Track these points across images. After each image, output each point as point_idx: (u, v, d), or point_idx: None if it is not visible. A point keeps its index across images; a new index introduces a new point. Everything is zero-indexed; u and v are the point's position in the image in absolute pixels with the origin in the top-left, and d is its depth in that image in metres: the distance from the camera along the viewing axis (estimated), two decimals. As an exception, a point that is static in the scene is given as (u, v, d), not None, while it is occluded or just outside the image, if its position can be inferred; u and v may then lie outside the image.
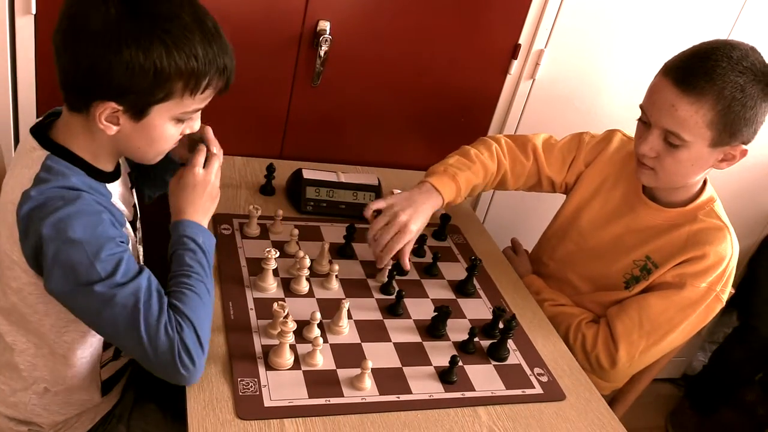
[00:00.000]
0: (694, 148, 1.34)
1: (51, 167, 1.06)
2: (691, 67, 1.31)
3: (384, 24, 1.76)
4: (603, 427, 1.26)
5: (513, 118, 2.01)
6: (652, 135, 1.37)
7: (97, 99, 1.02)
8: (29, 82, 1.59)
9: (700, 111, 1.29)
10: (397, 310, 1.40)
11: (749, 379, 2.64)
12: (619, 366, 1.48)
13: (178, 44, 1.00)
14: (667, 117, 1.33)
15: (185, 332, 1.04)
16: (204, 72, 1.04)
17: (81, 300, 1.05)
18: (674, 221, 1.49)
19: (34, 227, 1.02)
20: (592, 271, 1.62)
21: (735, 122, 1.30)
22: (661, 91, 1.34)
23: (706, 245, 1.43)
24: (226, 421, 1.09)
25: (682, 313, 1.45)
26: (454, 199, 1.58)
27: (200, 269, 1.12)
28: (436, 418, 1.19)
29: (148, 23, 0.99)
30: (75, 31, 1.00)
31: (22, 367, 1.19)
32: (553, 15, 1.85)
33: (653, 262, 1.49)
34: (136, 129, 1.07)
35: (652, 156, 1.39)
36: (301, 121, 1.86)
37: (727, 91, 1.28)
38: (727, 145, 1.35)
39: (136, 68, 0.98)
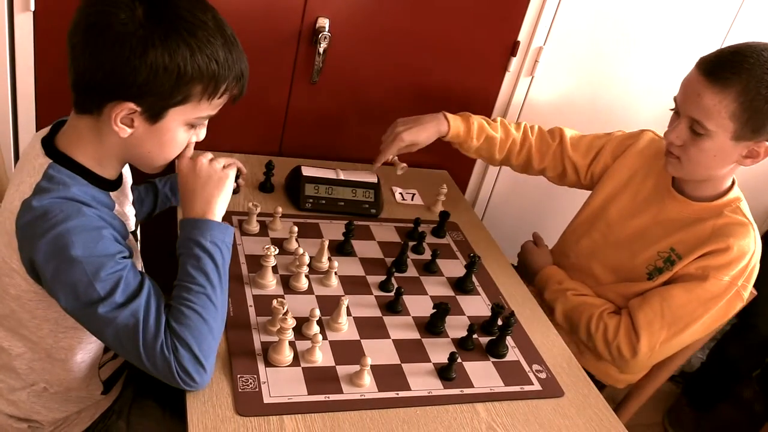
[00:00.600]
0: (717, 139, 1.37)
1: (53, 176, 1.05)
2: (721, 60, 1.37)
3: (383, 21, 1.76)
4: (601, 424, 1.27)
5: (512, 116, 2.01)
6: (680, 124, 1.42)
7: (115, 99, 1.02)
8: (28, 79, 1.59)
9: (723, 101, 1.34)
10: (396, 307, 1.40)
11: (747, 376, 2.65)
12: (640, 356, 1.48)
13: (201, 48, 1.01)
14: (693, 105, 1.38)
15: (181, 355, 1.04)
16: (224, 77, 1.05)
17: (84, 318, 1.06)
18: (700, 215, 1.51)
19: (34, 240, 1.02)
20: (615, 261, 1.63)
21: (758, 117, 1.34)
22: (691, 82, 1.40)
23: (730, 238, 1.44)
24: (226, 418, 1.09)
25: (704, 306, 1.46)
26: (462, 136, 1.68)
27: (204, 279, 1.10)
28: (435, 415, 1.19)
29: (174, 26, 1.00)
30: (98, 32, 0.99)
31: (20, 370, 1.19)
32: (552, 12, 1.86)
33: (677, 254, 1.51)
34: (149, 132, 1.07)
35: (678, 144, 1.43)
36: (300, 119, 1.86)
37: (752, 84, 1.32)
38: (751, 140, 1.38)
39: (160, 70, 0.99)
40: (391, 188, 1.86)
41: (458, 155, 2.06)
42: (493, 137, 1.69)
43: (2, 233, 1.08)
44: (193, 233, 1.12)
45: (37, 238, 1.01)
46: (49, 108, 1.64)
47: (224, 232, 1.15)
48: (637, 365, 1.51)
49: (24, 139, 1.66)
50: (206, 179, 1.16)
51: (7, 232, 1.06)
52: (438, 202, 1.80)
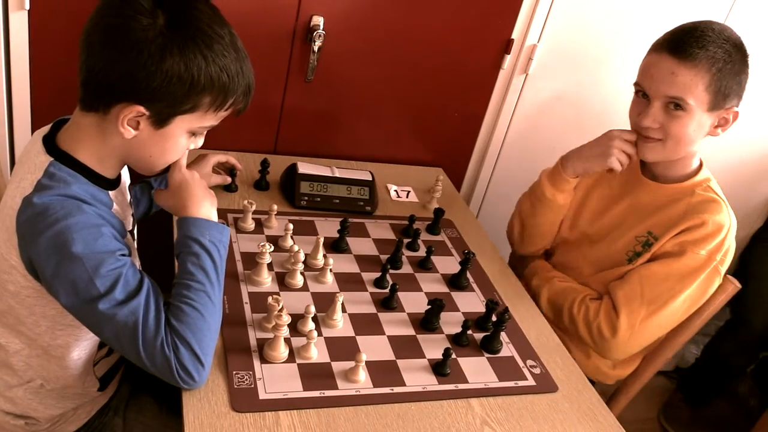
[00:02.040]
0: (695, 114, 1.42)
1: (54, 174, 1.06)
2: (683, 38, 1.42)
3: (377, 19, 1.77)
4: (595, 418, 1.28)
5: (506, 113, 2.02)
6: (653, 107, 1.44)
7: (125, 101, 1.03)
8: (23, 79, 1.59)
9: (698, 74, 1.39)
10: (391, 304, 1.41)
11: (741, 371, 2.66)
12: (620, 335, 1.49)
13: (216, 60, 1.04)
14: (668, 85, 1.41)
15: (181, 353, 1.05)
16: (233, 90, 1.08)
17: (83, 315, 1.07)
18: (673, 196, 1.54)
19: (34, 236, 1.03)
20: (595, 254, 1.64)
21: (728, 85, 1.41)
22: (659, 64, 1.43)
23: (705, 214, 1.47)
24: (222, 414, 1.09)
25: (682, 281, 1.47)
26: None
27: (203, 276, 1.11)
28: (430, 410, 1.20)
29: (193, 37, 1.02)
30: (118, 34, 1.00)
31: (17, 367, 1.20)
32: (545, 10, 1.86)
33: (654, 236, 1.53)
34: (153, 136, 1.09)
35: (656, 127, 1.45)
36: (295, 116, 1.87)
37: (719, 54, 1.39)
38: (721, 108, 1.44)
39: (174, 77, 1.02)
40: (386, 185, 1.86)
41: (453, 152, 2.07)
42: None
43: (2, 230, 1.09)
44: (192, 231, 1.14)
45: (38, 234, 1.02)
46: (45, 107, 1.64)
47: (221, 232, 1.17)
48: (618, 346, 1.51)
49: (19, 139, 1.66)
50: (204, 188, 1.20)
51: (6, 228, 1.07)
52: (433, 199, 1.81)
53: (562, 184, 1.63)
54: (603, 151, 1.54)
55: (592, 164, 1.57)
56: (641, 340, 1.54)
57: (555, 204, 1.65)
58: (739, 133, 2.25)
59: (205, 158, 1.57)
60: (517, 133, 2.05)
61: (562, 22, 1.89)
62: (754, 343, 2.49)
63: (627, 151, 1.52)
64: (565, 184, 1.62)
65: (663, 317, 1.50)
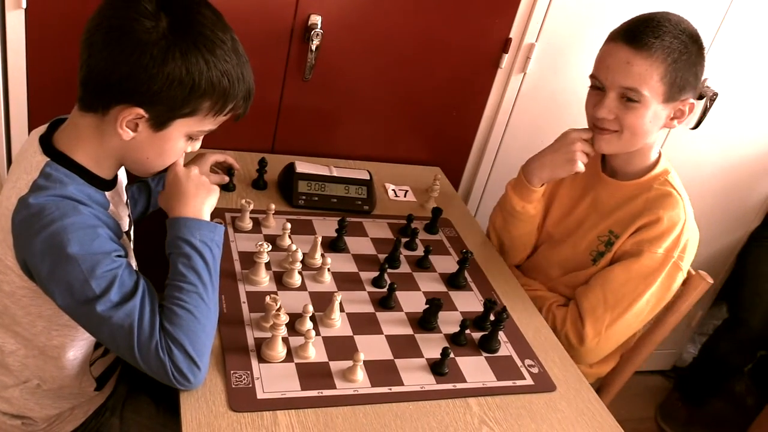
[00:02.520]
0: (650, 105, 1.42)
1: (50, 174, 1.06)
2: (639, 28, 1.42)
3: (375, 18, 1.76)
4: (593, 418, 1.27)
5: (504, 113, 2.02)
6: (608, 98, 1.44)
7: (124, 103, 1.03)
8: (20, 77, 1.59)
9: (653, 64, 1.39)
10: (389, 303, 1.41)
11: (738, 371, 2.67)
12: (587, 342, 1.51)
13: (217, 65, 1.04)
14: (623, 75, 1.41)
15: (175, 355, 1.05)
16: (233, 95, 1.09)
17: (79, 316, 1.07)
18: (631, 193, 1.55)
19: (29, 237, 1.02)
20: (561, 255, 1.66)
21: (683, 77, 1.41)
22: (614, 54, 1.43)
23: (660, 210, 1.49)
24: (219, 414, 1.09)
25: (644, 282, 1.49)
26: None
27: (195, 278, 1.10)
28: (428, 410, 1.20)
29: (195, 41, 1.02)
30: (120, 35, 1.00)
31: (13, 367, 1.20)
32: (543, 9, 1.86)
33: (615, 234, 1.55)
34: (151, 138, 1.09)
35: (611, 118, 1.46)
36: (293, 115, 1.86)
37: (674, 45, 1.39)
38: (677, 100, 1.44)
39: (175, 81, 1.02)
40: (384, 185, 1.86)
41: (450, 151, 2.07)
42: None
43: None
44: (182, 231, 1.13)
45: (33, 235, 1.02)
46: (42, 106, 1.63)
47: (213, 231, 1.15)
48: (587, 353, 1.53)
49: (16, 137, 1.65)
50: (198, 186, 1.18)
51: (2, 228, 1.06)
52: (431, 198, 1.81)
53: (529, 195, 1.62)
54: (568, 158, 1.54)
55: (558, 171, 1.57)
56: (610, 344, 1.56)
57: (527, 215, 1.65)
58: (736, 133, 2.27)
59: (203, 158, 1.57)
60: (515, 133, 2.05)
61: (560, 21, 1.89)
62: (752, 343, 2.50)
63: (587, 150, 1.53)
64: (532, 195, 1.61)
65: (628, 320, 1.51)
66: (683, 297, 1.59)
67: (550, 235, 1.70)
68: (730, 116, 2.21)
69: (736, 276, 2.56)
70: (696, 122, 2.16)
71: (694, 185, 2.31)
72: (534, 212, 1.65)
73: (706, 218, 2.40)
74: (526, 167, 1.62)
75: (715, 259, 2.56)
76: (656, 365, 2.82)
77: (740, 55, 2.10)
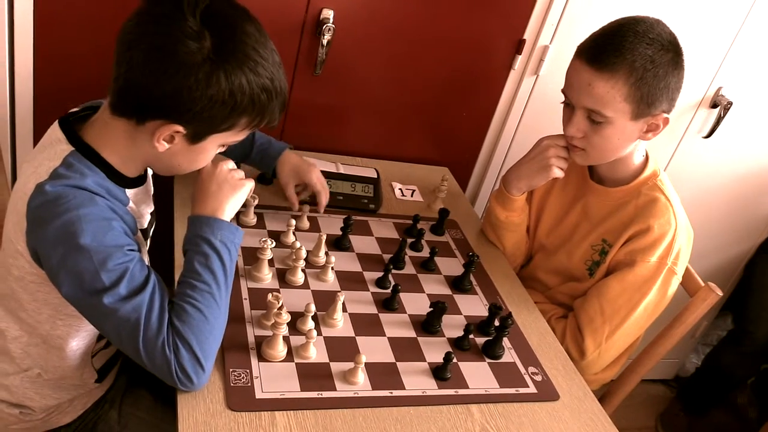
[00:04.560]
0: (617, 123, 1.38)
1: (72, 164, 1.05)
2: (601, 45, 1.36)
3: (388, 15, 1.74)
4: (596, 429, 1.26)
5: (515, 114, 2.00)
6: (576, 116, 1.42)
7: (162, 119, 1.02)
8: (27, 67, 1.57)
9: (615, 86, 1.34)
10: (393, 305, 1.39)
11: (741, 383, 2.65)
12: (588, 355, 1.50)
13: (259, 83, 1.03)
14: (585, 96, 1.38)
15: (181, 354, 1.03)
16: (271, 109, 1.08)
17: (85, 308, 1.05)
18: (621, 200, 1.53)
19: (43, 224, 1.01)
20: (557, 263, 1.65)
21: (650, 92, 1.35)
22: (577, 72, 1.40)
23: (650, 218, 1.47)
24: (217, 412, 1.08)
25: (639, 291, 1.47)
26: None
27: (209, 277, 1.09)
28: (429, 415, 1.18)
29: (240, 63, 1.01)
30: (164, 56, 0.98)
31: (15, 354, 1.19)
32: (559, 11, 1.84)
33: (608, 243, 1.53)
34: (186, 150, 1.08)
35: (579, 136, 1.44)
36: (302, 111, 1.84)
37: (638, 63, 1.33)
38: (648, 115, 1.39)
39: (218, 103, 1.01)
40: (391, 184, 1.84)
41: (459, 152, 2.05)
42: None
43: (13, 213, 1.08)
44: (203, 230, 1.12)
45: (47, 222, 1.01)
46: (48, 96, 1.61)
47: (234, 233, 1.15)
48: (589, 365, 1.52)
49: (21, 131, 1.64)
50: (223, 182, 1.17)
51: (17, 212, 1.06)
52: (438, 199, 1.79)
53: (511, 204, 1.61)
54: (541, 165, 1.53)
55: (534, 180, 1.56)
56: (611, 354, 1.55)
57: (512, 224, 1.64)
58: (748, 144, 2.24)
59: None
60: (526, 135, 2.03)
61: (575, 23, 1.87)
62: (756, 355, 2.47)
63: (563, 155, 1.52)
64: (514, 203, 1.61)
65: (627, 329, 1.50)
66: (691, 309, 1.57)
67: (543, 245, 1.69)
68: (744, 126, 2.19)
69: (743, 287, 2.53)
70: (709, 131, 2.14)
71: (704, 194, 2.29)
72: (518, 220, 1.64)
73: (714, 228, 2.39)
74: (506, 178, 1.61)
75: (722, 269, 2.53)
76: (659, 374, 2.80)
77: (755, 64, 2.07)
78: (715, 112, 2.09)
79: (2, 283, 1.15)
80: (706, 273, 1.57)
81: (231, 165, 1.21)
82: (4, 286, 1.14)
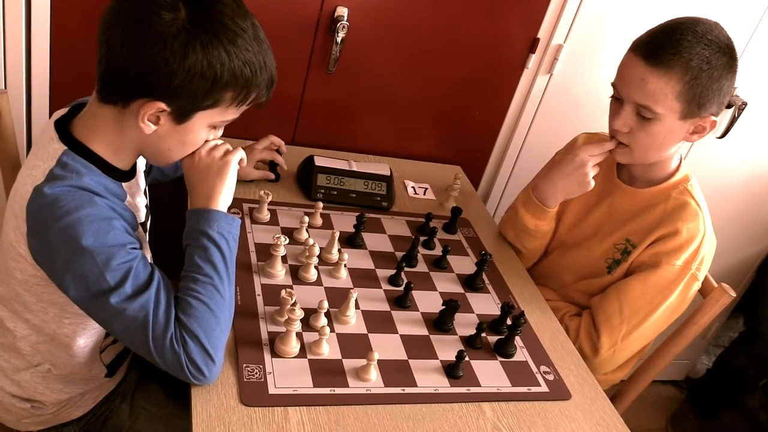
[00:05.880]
0: (665, 121, 1.37)
1: (66, 164, 1.04)
2: (658, 42, 1.35)
3: (402, 13, 1.74)
4: (607, 428, 1.25)
5: (528, 114, 1.99)
6: (625, 111, 1.40)
7: (145, 97, 1.01)
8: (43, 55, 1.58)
9: (669, 83, 1.33)
10: (405, 302, 1.39)
11: (753, 385, 2.63)
12: (602, 353, 1.49)
13: (239, 56, 1.02)
14: (637, 91, 1.36)
15: (190, 348, 1.03)
16: (256, 84, 1.06)
17: (93, 309, 1.06)
18: (649, 201, 1.52)
19: (44, 228, 1.01)
20: (575, 261, 1.63)
21: (703, 93, 1.34)
22: (631, 67, 1.38)
23: (678, 222, 1.46)
24: (230, 407, 1.08)
25: (661, 294, 1.47)
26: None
27: (211, 270, 1.08)
28: (441, 413, 1.18)
29: (216, 32, 1.00)
30: (139, 30, 0.98)
31: (24, 351, 1.19)
32: (573, 10, 1.83)
33: (632, 243, 1.52)
34: (173, 131, 1.07)
35: (625, 131, 1.42)
36: (315, 108, 1.85)
37: (694, 62, 1.32)
38: (697, 116, 1.38)
39: (197, 75, 1.00)
40: (404, 182, 1.84)
41: (472, 150, 2.05)
42: None
43: (11, 217, 1.07)
44: (200, 223, 1.11)
45: (48, 226, 1.01)
46: (64, 83, 1.62)
47: (230, 223, 1.13)
48: (601, 364, 1.52)
49: (37, 115, 1.65)
50: (206, 171, 1.14)
51: (16, 216, 1.05)
52: (450, 197, 1.79)
53: (543, 215, 1.59)
54: (580, 181, 1.51)
55: (572, 194, 1.55)
56: (625, 354, 1.54)
57: (540, 232, 1.63)
58: (763, 144, 2.23)
59: (251, 152, 1.55)
60: (539, 134, 2.03)
61: (589, 22, 1.86)
62: (768, 358, 2.46)
63: (598, 164, 1.50)
64: (546, 214, 1.59)
65: (644, 330, 1.50)
66: (704, 310, 1.56)
67: (563, 241, 1.67)
68: (758, 126, 2.18)
69: (756, 289, 2.52)
70: (723, 131, 2.12)
71: (717, 195, 2.27)
72: (547, 228, 1.63)
73: (727, 229, 2.37)
74: (539, 192, 1.58)
75: (734, 270, 2.52)
76: (669, 375, 2.79)
77: (771, 64, 2.06)
78: (730, 112, 2.08)
79: (5, 286, 1.15)
80: (718, 274, 1.56)
81: (209, 146, 1.15)
82: (8, 290, 1.14)
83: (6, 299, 1.16)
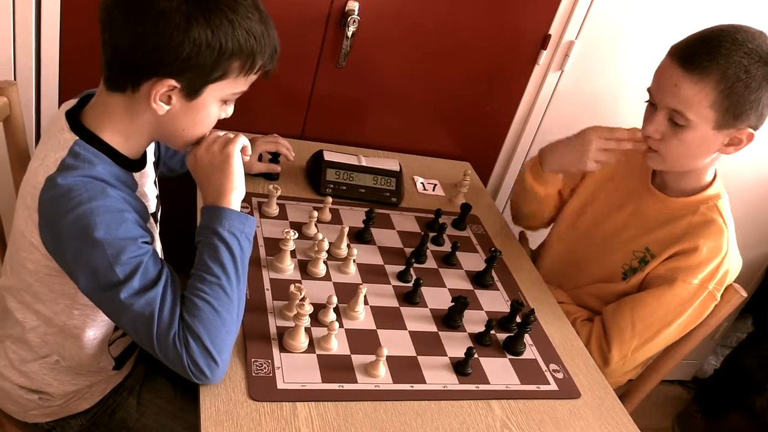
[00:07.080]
0: (698, 129, 1.33)
1: (78, 153, 1.04)
2: (695, 47, 1.32)
3: (413, 7, 1.73)
4: (617, 428, 1.24)
5: (538, 110, 1.98)
6: (658, 116, 1.37)
7: (155, 76, 1.01)
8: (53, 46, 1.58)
9: (703, 90, 1.29)
10: (414, 299, 1.38)
11: (761, 386, 2.61)
12: (612, 365, 1.48)
13: (242, 24, 1.02)
14: (671, 96, 1.34)
15: (192, 349, 1.02)
16: (261, 52, 1.06)
17: (101, 301, 1.05)
18: (677, 212, 1.49)
19: (56, 218, 1.01)
20: (592, 259, 1.61)
21: (739, 103, 1.30)
22: (666, 71, 1.35)
23: (701, 238, 1.42)
24: (238, 402, 1.08)
25: (674, 311, 1.45)
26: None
27: (219, 270, 1.07)
28: (450, 410, 1.18)
29: (217, 2, 1.00)
30: (140, 9, 0.98)
31: (33, 342, 1.19)
32: (585, 6, 1.82)
33: (651, 253, 1.50)
34: (185, 109, 1.06)
35: (657, 138, 1.39)
36: (325, 102, 1.84)
37: (731, 71, 1.27)
38: (733, 127, 1.34)
39: (203, 46, 0.99)
40: (413, 177, 1.83)
41: (481, 147, 2.04)
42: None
43: (23, 207, 1.07)
44: (211, 221, 1.09)
45: (60, 216, 1.00)
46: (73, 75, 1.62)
47: (244, 222, 1.11)
48: (611, 373, 1.50)
49: (46, 107, 1.65)
50: (209, 168, 1.13)
51: (27, 206, 1.05)
52: (459, 193, 1.78)
53: (538, 176, 1.60)
54: (578, 156, 1.49)
55: (567, 165, 1.53)
56: (634, 364, 1.54)
57: (534, 195, 1.62)
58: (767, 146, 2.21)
59: (255, 144, 1.54)
60: (549, 131, 2.01)
61: (601, 19, 1.85)
62: (776, 358, 2.45)
63: (604, 157, 1.47)
64: (541, 177, 1.59)
65: (655, 344, 1.48)
66: (714, 310, 1.54)
67: (587, 231, 1.64)
68: None
69: (765, 289, 2.51)
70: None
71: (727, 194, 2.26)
72: (543, 194, 1.62)
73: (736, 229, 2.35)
74: (543, 152, 1.59)
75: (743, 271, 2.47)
76: (676, 375, 2.78)
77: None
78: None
79: (16, 277, 1.14)
80: (727, 274, 1.55)
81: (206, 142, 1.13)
82: (19, 281, 1.14)
83: (16, 290, 1.16)
